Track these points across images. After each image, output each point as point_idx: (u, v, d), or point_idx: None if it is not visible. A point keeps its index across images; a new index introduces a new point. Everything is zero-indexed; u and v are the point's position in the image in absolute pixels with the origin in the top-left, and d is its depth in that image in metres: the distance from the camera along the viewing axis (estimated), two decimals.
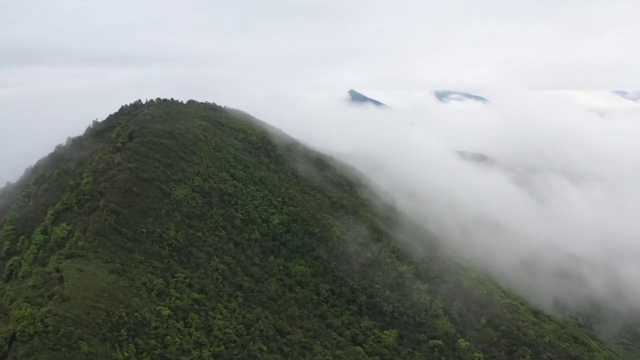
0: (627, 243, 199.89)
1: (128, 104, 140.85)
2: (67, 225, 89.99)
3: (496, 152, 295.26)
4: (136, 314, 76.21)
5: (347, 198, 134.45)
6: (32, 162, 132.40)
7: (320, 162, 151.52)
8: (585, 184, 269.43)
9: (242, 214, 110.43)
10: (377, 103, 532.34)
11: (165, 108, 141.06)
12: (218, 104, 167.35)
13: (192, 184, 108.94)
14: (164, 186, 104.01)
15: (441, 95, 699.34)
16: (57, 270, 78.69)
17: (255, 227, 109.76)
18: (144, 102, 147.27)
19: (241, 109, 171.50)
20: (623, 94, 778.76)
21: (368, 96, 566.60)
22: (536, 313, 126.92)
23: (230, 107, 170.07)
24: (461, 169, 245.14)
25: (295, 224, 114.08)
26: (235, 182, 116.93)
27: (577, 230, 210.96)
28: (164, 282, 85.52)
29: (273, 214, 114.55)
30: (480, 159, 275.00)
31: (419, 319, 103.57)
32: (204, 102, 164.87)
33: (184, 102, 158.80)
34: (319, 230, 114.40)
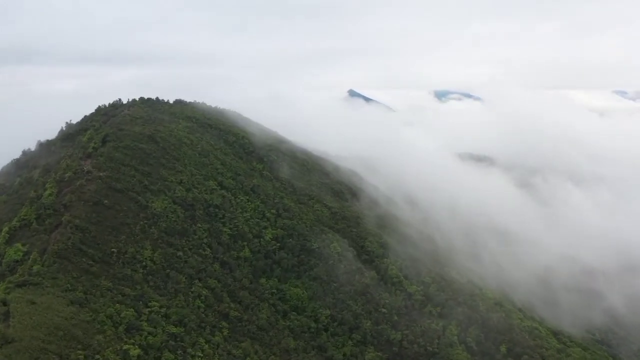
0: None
1: (107, 104, 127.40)
2: (23, 245, 76.77)
3: (496, 153, 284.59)
4: (97, 356, 63.20)
5: (348, 208, 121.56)
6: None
7: (319, 168, 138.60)
8: (588, 186, 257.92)
9: (230, 228, 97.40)
10: (376, 103, 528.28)
11: (148, 108, 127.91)
12: (209, 104, 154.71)
13: (173, 195, 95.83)
14: (140, 198, 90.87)
15: (440, 95, 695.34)
16: (4, 303, 65.58)
17: (245, 243, 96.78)
18: (126, 101, 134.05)
19: (238, 109, 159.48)
20: (623, 93, 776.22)
21: (367, 96, 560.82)
22: (556, 333, 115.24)
23: (223, 107, 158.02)
24: (462, 172, 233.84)
25: (290, 240, 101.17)
26: (223, 191, 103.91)
27: (586, 236, 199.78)
28: (135, 313, 72.47)
29: (265, 228, 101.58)
30: (481, 160, 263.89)
31: (432, 349, 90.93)
32: (192, 101, 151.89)
33: (171, 101, 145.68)
34: (318, 247, 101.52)
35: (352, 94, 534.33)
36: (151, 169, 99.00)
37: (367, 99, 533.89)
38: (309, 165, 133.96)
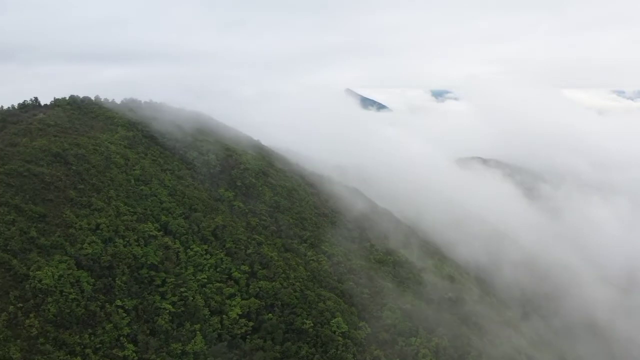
0: None
1: (15, 105, 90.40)
2: None
3: (497, 155, 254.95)
4: None
5: (356, 252, 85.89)
6: None
7: (314, 190, 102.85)
8: (600, 193, 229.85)
9: (173, 303, 61.40)
10: (373, 103, 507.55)
11: (75, 111, 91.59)
12: (173, 105, 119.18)
13: (79, 253, 59.61)
14: (15, 262, 54.66)
15: (437, 94, 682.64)
16: None
17: (198, 327, 60.83)
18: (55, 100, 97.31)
19: (224, 109, 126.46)
20: (620, 93, 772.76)
21: (364, 95, 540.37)
22: None
23: (202, 109, 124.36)
24: (467, 182, 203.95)
25: (271, 315, 65.33)
26: (167, 240, 67.81)
27: (616, 255, 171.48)
28: None
29: (232, 297, 65.67)
30: (482, 164, 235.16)
31: None
32: (148, 100, 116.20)
33: (117, 101, 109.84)
34: (312, 325, 65.79)
35: (350, 93, 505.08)
36: (48, 209, 62.67)
37: (364, 99, 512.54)
38: (300, 189, 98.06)
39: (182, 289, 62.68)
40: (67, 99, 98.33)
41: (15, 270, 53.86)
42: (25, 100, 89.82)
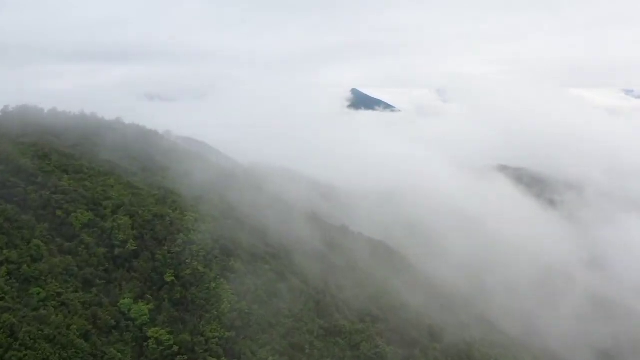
0: None
1: None
2: None
3: (505, 158, 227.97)
4: None
5: None
6: None
7: (318, 279, 58.59)
8: (621, 204, 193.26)
9: None
10: (380, 102, 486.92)
11: None
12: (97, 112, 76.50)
13: None
14: None
15: (444, 94, 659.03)
16: None
17: None
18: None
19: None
20: (629, 92, 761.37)
21: (371, 95, 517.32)
22: None
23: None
24: (494, 200, 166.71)
25: None
26: None
27: None
28: None
29: None
30: (499, 171, 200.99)
31: None
32: (52, 108, 73.59)
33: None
34: None
35: (356, 93, 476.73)
36: None
37: (371, 99, 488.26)
38: (293, 275, 53.82)
39: None
40: None
41: None
42: None
